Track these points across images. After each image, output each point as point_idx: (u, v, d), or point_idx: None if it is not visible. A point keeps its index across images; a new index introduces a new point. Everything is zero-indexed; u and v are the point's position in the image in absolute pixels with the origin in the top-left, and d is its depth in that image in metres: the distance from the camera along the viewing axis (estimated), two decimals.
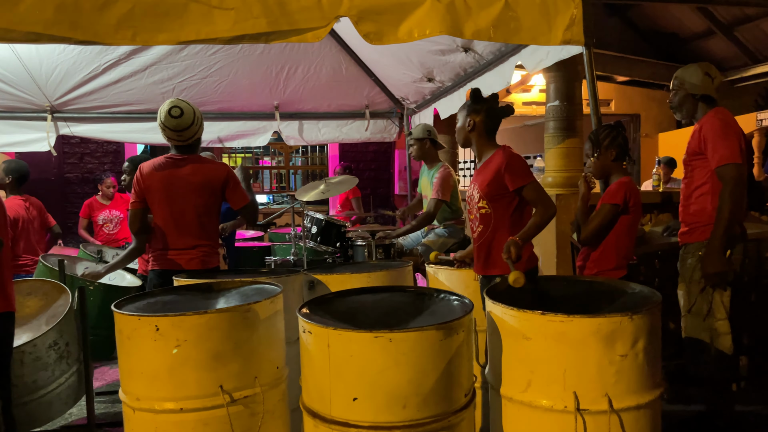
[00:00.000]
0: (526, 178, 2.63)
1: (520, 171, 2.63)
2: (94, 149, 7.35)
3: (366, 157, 8.16)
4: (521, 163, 2.67)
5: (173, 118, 3.03)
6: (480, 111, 2.80)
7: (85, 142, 7.27)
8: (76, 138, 6.86)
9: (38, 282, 3.28)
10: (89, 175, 7.18)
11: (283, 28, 2.78)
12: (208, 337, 2.09)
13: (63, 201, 7.13)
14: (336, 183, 4.18)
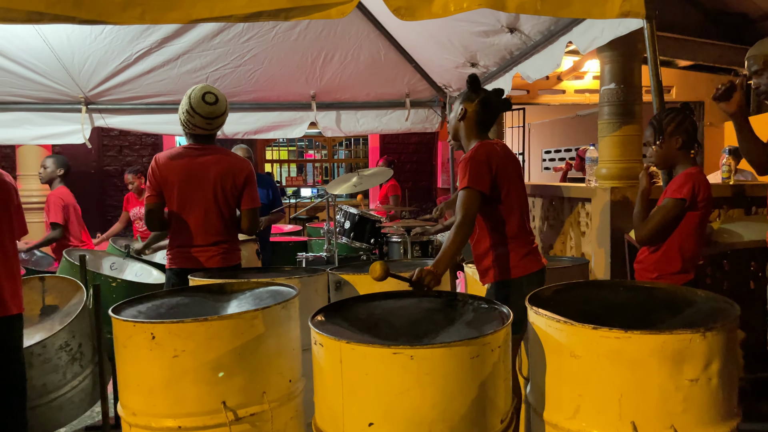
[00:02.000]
0: (461, 182, 2.39)
1: (463, 171, 2.40)
2: (133, 141, 7.31)
3: (407, 149, 7.86)
4: (473, 163, 2.40)
5: (207, 105, 2.82)
6: (474, 100, 2.53)
7: (123, 135, 7.25)
8: (115, 131, 6.83)
9: (55, 279, 3.14)
10: (128, 167, 7.17)
11: (304, 3, 2.52)
12: (209, 347, 1.86)
13: (102, 193, 7.13)
14: (369, 175, 3.92)
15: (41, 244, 4.92)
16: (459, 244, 2.31)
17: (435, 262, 2.20)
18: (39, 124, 5.29)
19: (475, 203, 2.36)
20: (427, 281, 2.13)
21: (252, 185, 2.98)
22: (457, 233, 2.30)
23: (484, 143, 2.50)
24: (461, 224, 2.31)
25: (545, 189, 4.44)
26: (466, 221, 2.33)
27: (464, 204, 2.34)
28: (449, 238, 2.31)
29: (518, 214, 2.56)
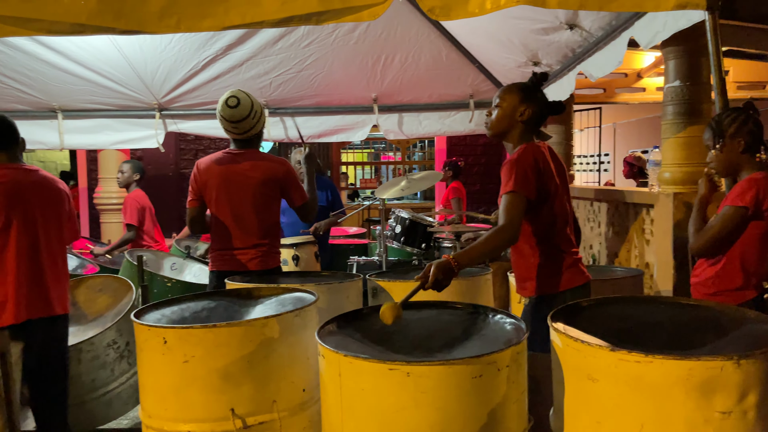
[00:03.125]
0: (506, 186, 2.20)
1: (508, 174, 2.21)
2: (207, 145, 7.59)
3: (475, 151, 7.67)
4: (519, 166, 2.22)
5: (229, 108, 2.88)
6: (536, 101, 2.36)
7: (199, 139, 7.54)
8: (191, 135, 7.11)
9: (109, 278, 3.29)
10: None
11: (335, 7, 2.49)
12: (218, 354, 1.86)
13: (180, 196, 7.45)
14: (417, 179, 3.84)
15: (117, 246, 5.20)
16: (493, 248, 2.12)
17: (459, 254, 2.04)
18: (117, 129, 5.59)
19: (520, 208, 2.19)
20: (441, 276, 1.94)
21: (291, 183, 3.00)
22: (495, 237, 2.12)
23: (530, 145, 2.36)
24: (501, 230, 2.13)
25: (610, 193, 4.19)
26: (508, 228, 2.14)
27: (507, 209, 2.18)
28: (485, 237, 2.13)
29: (562, 222, 2.39)
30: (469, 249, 2.08)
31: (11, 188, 2.44)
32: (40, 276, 2.49)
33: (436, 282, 1.94)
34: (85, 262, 4.64)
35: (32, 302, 2.46)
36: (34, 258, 2.46)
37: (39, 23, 2.45)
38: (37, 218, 2.51)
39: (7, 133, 2.59)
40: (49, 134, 5.41)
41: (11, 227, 2.41)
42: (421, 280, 1.96)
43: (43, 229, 2.54)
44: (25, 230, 2.45)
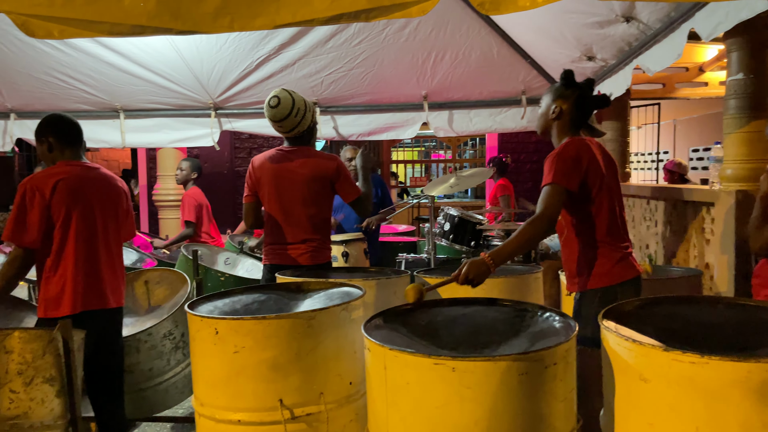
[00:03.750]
0: (546, 178, 2.19)
1: (549, 167, 2.19)
2: (261, 144, 7.75)
3: (527, 148, 7.55)
4: (559, 159, 2.21)
5: (271, 108, 2.95)
6: (569, 97, 2.34)
7: (253, 138, 7.71)
8: (245, 134, 7.27)
9: (167, 272, 3.41)
10: None
11: (384, 3, 2.50)
12: (266, 345, 1.90)
13: (234, 193, 7.65)
14: (467, 176, 3.81)
15: (176, 241, 5.37)
16: (527, 241, 2.11)
17: (493, 252, 2.04)
18: (175, 128, 5.77)
19: (557, 200, 2.17)
20: (473, 275, 1.97)
21: (342, 179, 3.03)
22: (529, 228, 2.11)
23: (574, 139, 2.35)
24: (536, 220, 2.12)
25: (668, 191, 4.05)
26: (543, 218, 2.12)
27: (544, 200, 2.17)
28: (518, 231, 2.12)
29: (611, 216, 2.36)
30: (504, 245, 2.09)
31: (73, 184, 2.56)
32: (97, 269, 2.61)
33: (467, 279, 1.96)
34: (144, 257, 4.82)
35: (88, 295, 2.57)
36: (91, 252, 2.58)
37: (101, 25, 2.55)
38: (96, 214, 2.63)
39: (71, 132, 2.72)
40: (111, 133, 5.63)
41: (71, 222, 2.53)
42: (453, 275, 1.98)
43: (102, 225, 2.65)
44: (84, 225, 2.56)
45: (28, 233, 2.44)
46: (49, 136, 2.64)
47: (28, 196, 2.47)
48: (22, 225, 2.43)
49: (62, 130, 2.68)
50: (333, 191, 3.07)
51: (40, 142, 2.67)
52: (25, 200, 2.45)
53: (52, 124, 2.69)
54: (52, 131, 2.65)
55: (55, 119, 2.74)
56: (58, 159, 2.63)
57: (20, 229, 2.43)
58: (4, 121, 5.63)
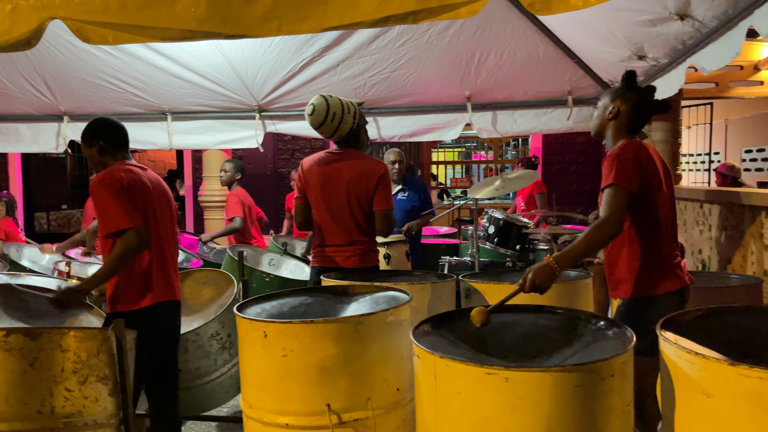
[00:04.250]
0: (606, 179, 2.12)
1: (607, 170, 2.13)
2: (304, 145, 7.81)
3: (572, 150, 7.39)
4: (620, 160, 2.15)
5: (308, 117, 3.01)
6: (629, 99, 2.28)
7: (295, 139, 7.77)
8: (288, 135, 7.33)
9: (213, 272, 3.45)
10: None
11: (432, 5, 2.47)
12: (314, 349, 1.90)
13: (277, 194, 7.73)
14: (513, 178, 3.75)
15: (222, 234, 5.43)
16: (594, 244, 2.07)
17: (558, 256, 1.98)
18: (220, 130, 5.86)
19: (622, 202, 2.12)
20: (539, 281, 1.92)
21: (384, 187, 3.02)
22: (596, 232, 2.06)
23: (632, 141, 2.32)
24: (603, 223, 2.07)
25: (723, 195, 3.91)
26: (611, 221, 2.08)
27: (610, 202, 2.11)
28: (585, 234, 2.06)
29: (663, 222, 2.30)
30: (569, 248, 2.04)
31: (139, 182, 2.63)
32: (165, 265, 2.69)
33: (535, 286, 1.91)
34: (190, 256, 4.90)
35: (162, 287, 2.65)
36: (159, 248, 2.64)
37: (153, 30, 2.60)
38: (157, 212, 2.69)
39: (120, 134, 2.78)
40: (159, 135, 5.75)
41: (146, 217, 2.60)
42: (519, 285, 1.93)
43: (161, 223, 2.71)
44: (152, 221, 2.63)
45: (131, 214, 2.47)
46: (100, 140, 2.70)
47: (113, 186, 2.50)
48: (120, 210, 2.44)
49: (112, 133, 2.74)
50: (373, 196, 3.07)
51: (89, 146, 2.73)
52: (110, 191, 2.49)
53: (102, 128, 2.75)
54: (102, 135, 2.71)
55: (104, 123, 2.80)
56: (109, 162, 2.69)
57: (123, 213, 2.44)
58: (57, 124, 5.80)
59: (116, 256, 2.41)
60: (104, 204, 2.47)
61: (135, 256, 2.49)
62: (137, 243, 2.44)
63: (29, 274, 3.92)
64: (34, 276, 3.85)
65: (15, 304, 2.91)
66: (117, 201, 2.46)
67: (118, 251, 2.41)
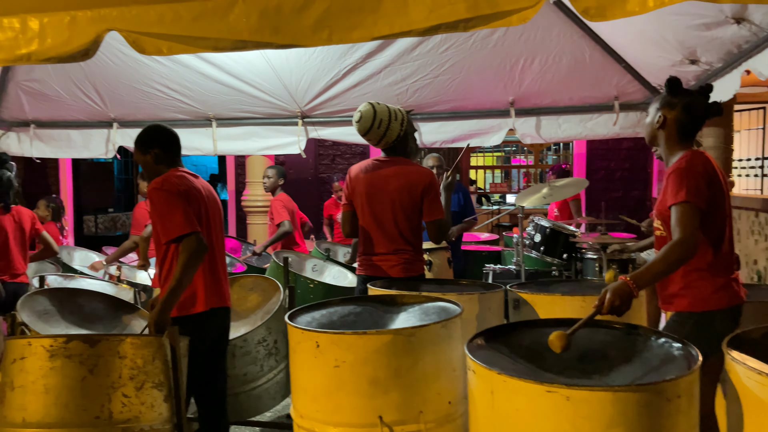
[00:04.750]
0: (677, 196, 2.02)
1: (676, 185, 2.04)
2: (344, 151, 7.85)
3: (618, 155, 7.23)
4: (690, 175, 2.06)
5: (355, 123, 3.02)
6: (676, 105, 2.20)
7: (336, 145, 7.81)
8: (329, 141, 7.38)
9: (260, 278, 3.49)
10: (338, 175, 7.75)
11: (483, 12, 2.44)
12: (366, 360, 1.90)
13: (318, 199, 7.78)
14: (561, 186, 3.68)
15: (275, 240, 5.45)
16: (671, 265, 2.01)
17: (636, 275, 1.93)
18: (263, 136, 5.93)
19: (695, 219, 2.05)
20: (619, 302, 1.85)
21: (431, 197, 3.00)
22: (674, 252, 1.99)
23: (696, 153, 2.23)
24: (681, 243, 2.00)
25: None
26: (689, 241, 2.00)
27: (684, 221, 2.03)
28: (662, 254, 2.01)
29: (721, 236, 2.21)
30: (647, 268, 2.00)
31: (193, 190, 2.67)
32: (216, 271, 2.73)
33: (614, 308, 1.84)
34: (234, 261, 4.96)
35: (213, 293, 2.69)
36: (211, 254, 2.68)
37: (206, 41, 2.63)
38: (209, 217, 2.73)
39: (174, 142, 2.83)
40: (204, 141, 5.84)
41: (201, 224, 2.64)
42: (596, 307, 1.86)
43: (214, 229, 2.76)
44: (206, 228, 2.66)
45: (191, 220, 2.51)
46: (155, 148, 2.74)
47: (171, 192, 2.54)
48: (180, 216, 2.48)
49: (166, 141, 2.79)
50: (420, 205, 3.05)
51: (144, 153, 2.77)
52: (169, 197, 2.53)
53: (157, 136, 2.80)
54: (157, 143, 2.76)
55: (159, 131, 2.85)
56: (163, 169, 2.73)
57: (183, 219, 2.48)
58: (107, 130, 5.95)
59: (184, 264, 2.43)
60: (164, 210, 2.51)
61: (200, 261, 2.50)
62: (199, 248, 2.47)
63: (82, 277, 4.02)
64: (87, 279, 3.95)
65: (70, 308, 2.99)
66: (177, 207, 2.50)
67: (183, 259, 2.43)
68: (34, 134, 5.93)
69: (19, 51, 2.74)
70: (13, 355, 2.01)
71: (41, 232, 4.12)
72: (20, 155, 5.84)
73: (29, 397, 1.96)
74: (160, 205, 2.53)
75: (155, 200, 2.56)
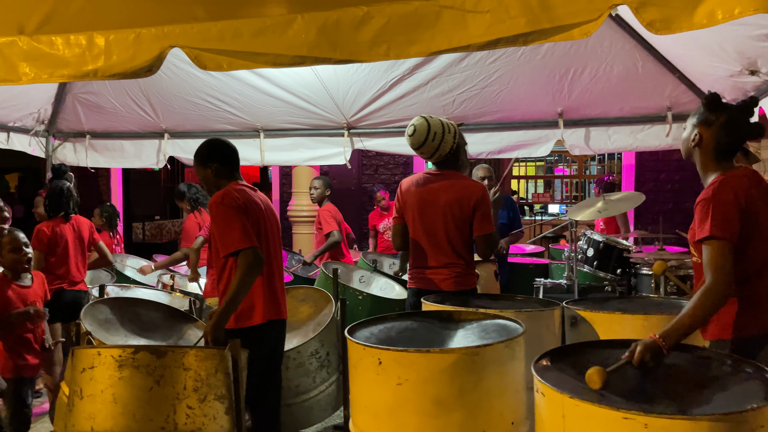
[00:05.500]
0: (702, 230, 1.89)
1: (701, 217, 1.91)
2: (387, 161, 7.86)
3: (668, 167, 7.05)
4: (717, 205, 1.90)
5: (409, 137, 3.03)
6: (713, 123, 2.04)
7: (379, 155, 7.83)
8: (372, 151, 7.41)
9: (311, 290, 3.51)
10: (380, 185, 7.75)
11: (543, 27, 2.42)
12: (430, 379, 1.88)
13: (361, 209, 7.81)
14: (617, 200, 3.61)
15: (325, 250, 5.47)
16: (705, 314, 1.85)
17: (665, 333, 1.82)
18: (310, 147, 5.99)
19: (726, 257, 1.88)
20: (648, 357, 1.77)
21: (482, 211, 2.98)
22: (705, 300, 1.84)
23: (729, 177, 2.03)
24: (710, 289, 1.84)
25: None
26: (720, 283, 1.84)
27: (712, 261, 1.88)
28: (693, 304, 1.86)
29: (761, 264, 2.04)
30: (676, 322, 1.85)
31: (252, 203, 2.71)
32: (274, 283, 2.76)
33: (642, 363, 1.77)
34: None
35: (270, 306, 2.72)
36: (268, 267, 2.71)
37: (265, 57, 2.68)
38: (268, 232, 2.77)
39: (234, 156, 2.88)
40: (252, 152, 5.93)
41: (266, 236, 2.68)
42: (627, 357, 1.79)
43: (272, 243, 2.79)
44: (264, 241, 2.70)
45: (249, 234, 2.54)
46: (215, 162, 2.79)
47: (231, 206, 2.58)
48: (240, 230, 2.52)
49: (225, 155, 2.84)
50: (471, 219, 3.03)
51: (204, 167, 2.82)
52: (229, 211, 2.57)
53: (217, 150, 2.85)
54: (217, 157, 2.81)
55: (218, 145, 2.90)
56: (223, 183, 2.78)
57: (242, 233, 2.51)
58: (158, 141, 6.10)
59: (240, 278, 2.47)
60: (224, 224, 2.55)
61: (257, 275, 2.55)
62: (256, 262, 2.51)
63: (137, 287, 4.12)
64: (142, 288, 4.04)
65: (129, 317, 3.06)
66: (236, 222, 2.54)
67: (241, 273, 2.48)
68: (89, 145, 6.13)
69: (85, 67, 2.84)
70: (82, 364, 2.07)
71: (98, 242, 4.23)
72: (75, 165, 6.03)
73: (98, 406, 2.01)
74: (220, 220, 2.57)
75: (215, 214, 2.61)
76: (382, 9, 2.56)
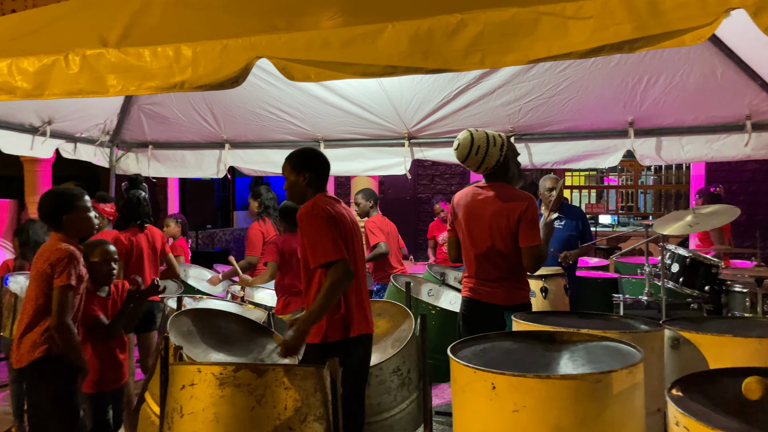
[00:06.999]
0: None
1: None
2: (444, 171, 7.78)
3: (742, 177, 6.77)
4: None
5: (454, 150, 3.04)
6: None
7: (435, 165, 7.75)
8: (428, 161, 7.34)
9: (387, 304, 3.43)
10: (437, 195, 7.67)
11: (652, 33, 2.31)
12: (550, 406, 1.77)
13: (416, 219, 7.74)
14: (708, 214, 3.43)
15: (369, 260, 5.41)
16: None
17: None
18: (369, 157, 5.94)
19: None
20: None
21: (528, 222, 2.92)
22: None
23: None
24: None
25: None
26: None
27: None
28: None
29: None
30: None
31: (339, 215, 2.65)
32: (361, 296, 2.71)
33: None
34: None
35: (361, 319, 2.66)
36: (356, 279, 2.65)
37: (355, 67, 2.62)
38: (354, 243, 2.71)
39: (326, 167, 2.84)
40: None
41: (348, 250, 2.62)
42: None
43: (358, 255, 2.73)
44: (351, 253, 2.63)
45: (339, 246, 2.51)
46: (309, 171, 2.75)
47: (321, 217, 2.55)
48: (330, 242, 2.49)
49: (320, 166, 2.80)
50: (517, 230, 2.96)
51: (297, 174, 2.75)
52: (320, 222, 2.53)
53: (315, 160, 2.81)
54: (312, 166, 2.77)
55: (315, 155, 2.86)
56: (309, 194, 2.73)
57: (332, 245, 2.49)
58: (219, 151, 6.14)
59: (328, 290, 2.42)
60: (314, 235, 2.51)
61: (345, 288, 2.50)
62: (346, 275, 2.46)
63: (209, 297, 4.11)
64: (214, 300, 4.03)
65: (209, 329, 3.03)
66: (327, 233, 2.49)
67: (329, 285, 2.43)
68: (151, 155, 6.21)
69: (173, 79, 2.83)
70: (182, 381, 2.03)
71: (168, 254, 4.25)
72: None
73: (199, 425, 1.96)
74: (311, 229, 2.53)
75: (305, 223, 2.56)
76: (477, 16, 2.48)
